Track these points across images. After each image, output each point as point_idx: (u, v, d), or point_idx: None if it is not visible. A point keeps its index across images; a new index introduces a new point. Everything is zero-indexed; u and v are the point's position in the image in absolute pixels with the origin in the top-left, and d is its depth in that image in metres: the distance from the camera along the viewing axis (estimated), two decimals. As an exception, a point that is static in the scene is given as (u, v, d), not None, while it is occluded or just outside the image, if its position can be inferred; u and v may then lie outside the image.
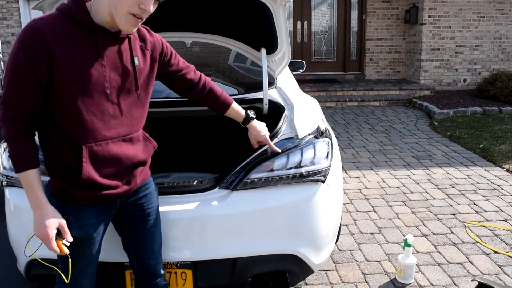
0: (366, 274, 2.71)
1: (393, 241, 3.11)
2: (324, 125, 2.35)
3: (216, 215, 1.89)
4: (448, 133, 5.99)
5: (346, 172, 4.55)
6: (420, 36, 8.59)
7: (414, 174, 4.46)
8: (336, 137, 5.84)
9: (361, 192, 4.01)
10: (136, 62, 1.57)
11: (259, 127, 1.96)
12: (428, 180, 4.30)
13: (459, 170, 4.57)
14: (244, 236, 1.92)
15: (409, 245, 2.56)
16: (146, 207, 1.74)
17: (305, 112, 2.26)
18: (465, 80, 8.90)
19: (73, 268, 1.61)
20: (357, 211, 3.62)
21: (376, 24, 9.22)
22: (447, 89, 8.81)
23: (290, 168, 1.96)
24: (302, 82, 8.81)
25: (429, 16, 8.44)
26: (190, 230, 1.91)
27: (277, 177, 1.95)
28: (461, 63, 8.80)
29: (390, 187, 4.13)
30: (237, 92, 2.51)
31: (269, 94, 2.36)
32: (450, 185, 4.17)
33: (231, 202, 1.92)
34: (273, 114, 2.34)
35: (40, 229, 1.45)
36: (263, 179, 1.94)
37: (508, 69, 8.74)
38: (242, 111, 1.96)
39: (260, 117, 2.42)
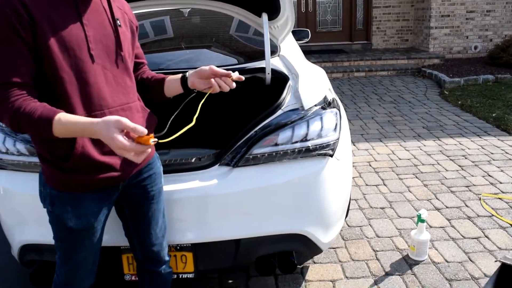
0: (377, 251, 2.60)
1: (404, 216, 2.98)
2: (332, 95, 2.18)
3: (216, 194, 1.76)
4: (459, 102, 5.79)
5: (354, 145, 4.40)
6: (429, 2, 8.25)
7: (425, 145, 4.29)
8: (344, 109, 5.65)
9: (370, 165, 3.87)
10: (118, 23, 1.45)
11: (199, 68, 1.57)
12: (440, 151, 4.14)
13: (471, 141, 4.39)
14: (247, 215, 1.79)
15: (422, 221, 2.43)
16: (149, 190, 1.60)
17: (311, 82, 2.09)
18: (476, 48, 8.60)
19: (72, 259, 1.50)
20: (367, 184, 3.49)
21: (383, -10, 8.87)
22: (457, 57, 8.52)
23: (296, 142, 1.81)
24: (307, 53, 8.55)
25: (439, -19, 8.09)
26: (189, 211, 1.78)
27: (281, 152, 1.80)
28: (471, 29, 8.48)
29: (400, 159, 3.98)
30: (237, 62, 2.33)
31: (272, 63, 2.19)
32: (463, 156, 4.01)
33: (232, 180, 1.78)
34: (276, 85, 2.18)
35: (114, 142, 1.18)
36: (266, 154, 1.79)
37: (521, 35, 8.42)
38: (178, 76, 1.65)
39: (262, 88, 2.26)
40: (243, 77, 1.54)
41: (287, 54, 2.37)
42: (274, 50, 2.33)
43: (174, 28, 2.94)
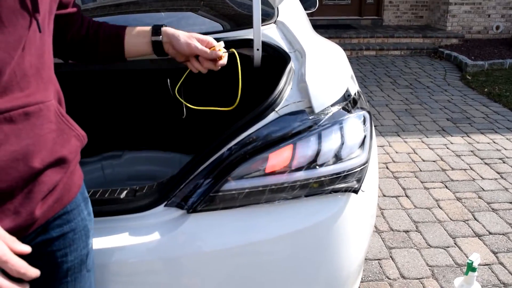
0: (404, 301, 1.88)
1: (436, 245, 2.25)
2: (355, 86, 1.42)
3: (156, 258, 1.02)
4: (486, 89, 5.00)
5: (365, 139, 3.64)
6: (450, -26, 7.35)
7: (452, 143, 3.54)
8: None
9: (387, 168, 3.12)
10: None
11: (175, 35, 1.09)
12: (471, 151, 3.39)
13: (507, 139, 3.64)
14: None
15: (474, 269, 1.70)
16: (59, 260, 0.87)
17: (325, 65, 1.32)
18: (498, 28, 7.73)
19: None
20: (384, 195, 2.75)
21: (399, -41, 7.94)
22: (477, 37, 7.66)
23: (298, 170, 1.06)
24: (313, 28, 7.70)
25: (462, -51, 7.17)
26: (113, 283, 1.05)
27: (273, 187, 1.05)
28: (494, 7, 7.59)
29: (424, 160, 3.23)
30: (214, 30, 1.49)
31: (265, 33, 1.41)
32: (500, 159, 3.26)
33: (187, 234, 1.04)
34: (270, 68, 1.41)
35: None
36: (246, 191, 1.04)
37: (550, 14, 7.55)
38: (144, 30, 1.10)
39: (249, 73, 1.48)
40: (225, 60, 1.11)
41: (289, 21, 1.57)
42: (269, 14, 1.54)
43: None
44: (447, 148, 3.45)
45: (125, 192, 1.11)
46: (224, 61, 1.11)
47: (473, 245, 2.25)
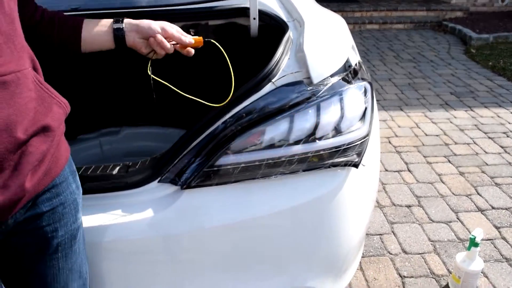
0: (405, 276, 1.87)
1: (438, 220, 2.23)
2: (356, 57, 1.36)
3: (147, 236, 0.99)
4: (490, 63, 4.90)
5: (367, 114, 3.58)
6: None
7: (455, 117, 3.48)
8: (354, 68, 4.80)
9: (390, 142, 3.08)
10: None
11: (142, 24, 1.05)
12: (475, 125, 3.33)
13: (511, 112, 3.58)
14: (210, 271, 1.03)
15: (476, 245, 1.67)
16: (50, 236, 0.85)
17: (325, 35, 1.26)
18: (503, 0, 7.55)
19: None
20: (387, 170, 2.72)
21: None
22: (482, 10, 7.48)
23: (296, 143, 1.02)
24: (313, 1, 7.54)
25: None
26: (110, 263, 1.02)
27: (270, 161, 1.01)
28: (501, -23, 7.40)
29: (427, 135, 3.19)
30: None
31: (262, 2, 1.35)
32: (504, 133, 3.21)
33: (180, 211, 1.00)
34: (269, 38, 1.35)
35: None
36: (242, 166, 1.00)
37: (558, -15, 7.35)
38: (105, 22, 1.05)
39: (247, 42, 1.42)
40: (192, 51, 1.08)
41: None
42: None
43: None
44: (451, 122, 3.40)
45: (117, 168, 1.07)
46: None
47: (476, 219, 2.23)
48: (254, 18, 1.25)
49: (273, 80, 1.06)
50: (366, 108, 1.14)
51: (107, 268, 1.02)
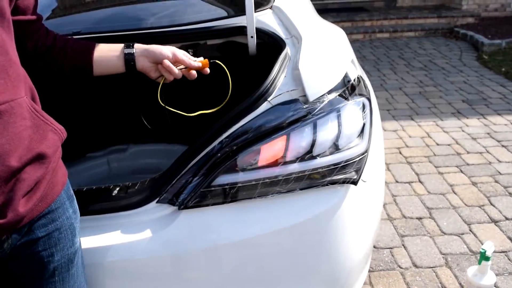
0: (416, 291, 1.83)
1: (450, 232, 2.19)
2: (357, 71, 1.36)
3: (147, 256, 0.99)
4: (503, 69, 4.83)
5: (378, 124, 3.55)
6: (465, -50, 7.09)
7: (467, 126, 3.43)
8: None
9: (400, 153, 3.04)
10: None
11: (153, 49, 1.09)
12: (488, 134, 3.27)
13: (526, 119, 3.51)
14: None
15: (487, 258, 1.64)
16: (45, 260, 0.86)
17: (322, 50, 1.26)
18: (516, 3, 7.46)
19: None
20: (397, 181, 2.68)
21: None
22: (494, 15, 7.40)
23: (292, 161, 1.02)
24: (323, 12, 7.55)
25: None
26: (107, 284, 1.03)
27: (267, 181, 1.01)
28: (513, -18, 7.32)
29: (438, 144, 3.14)
30: (202, 19, 1.44)
31: (260, 19, 1.36)
32: (518, 140, 3.15)
33: (178, 231, 1.01)
34: (267, 55, 1.35)
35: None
36: (239, 186, 1.01)
37: None
38: (116, 47, 1.09)
39: (245, 61, 1.43)
40: (208, 70, 1.13)
41: (287, 5, 1.51)
42: (263, 1, 1.48)
43: None
44: (463, 131, 3.35)
45: (117, 189, 1.09)
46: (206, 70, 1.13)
47: (489, 231, 2.18)
48: (252, 37, 1.26)
49: (269, 99, 1.06)
50: (364, 124, 1.13)
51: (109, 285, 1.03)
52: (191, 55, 1.13)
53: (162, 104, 1.11)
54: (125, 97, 1.94)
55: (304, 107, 1.05)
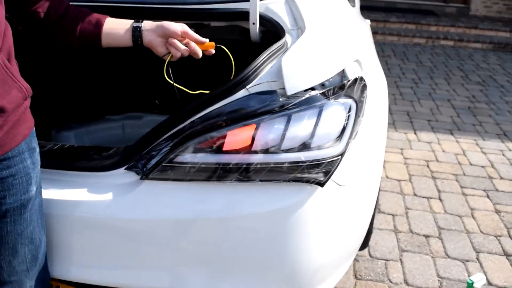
0: (399, 308, 1.77)
1: (455, 256, 2.08)
2: (360, 70, 1.31)
3: (102, 217, 1.04)
4: None
5: (415, 133, 3.42)
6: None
7: (510, 150, 3.21)
8: (415, 83, 4.60)
9: (428, 166, 2.92)
10: None
11: (165, 24, 1.12)
12: (530, 162, 3.05)
13: None
14: (155, 260, 1.06)
15: (476, 290, 1.55)
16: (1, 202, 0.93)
17: (318, 45, 1.22)
18: None
19: None
20: (415, 194, 2.58)
21: None
22: None
23: (256, 152, 1.01)
24: (389, 10, 7.28)
25: None
26: (70, 234, 1.09)
27: (227, 166, 1.01)
28: None
29: (471, 164, 2.98)
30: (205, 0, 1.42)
31: (270, 7, 1.33)
32: (562, 174, 2.91)
33: (136, 200, 1.04)
34: (271, 44, 1.33)
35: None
36: (197, 167, 1.02)
37: None
38: (126, 22, 1.13)
39: (249, 47, 1.42)
40: (213, 50, 1.16)
41: None
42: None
43: None
44: (503, 154, 3.14)
45: (94, 150, 1.14)
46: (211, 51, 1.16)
47: (497, 263, 2.05)
48: (254, 23, 1.25)
49: (247, 87, 1.06)
50: (345, 127, 1.09)
51: (65, 238, 1.09)
52: None
53: (169, 80, 1.15)
54: (143, 70, 2.00)
55: (281, 99, 1.03)
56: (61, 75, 2.06)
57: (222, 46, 1.19)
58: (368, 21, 2.67)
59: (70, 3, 1.13)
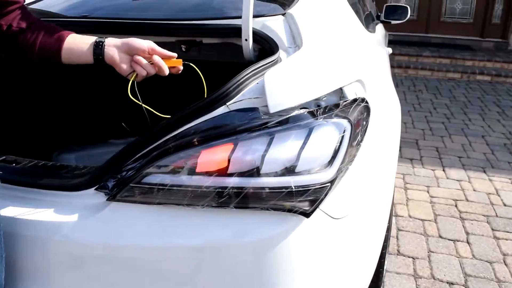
0: None
1: (482, 307, 1.85)
2: (363, 92, 1.19)
3: (64, 240, 0.95)
4: None
5: (443, 170, 3.21)
6: None
7: (549, 192, 2.94)
8: (447, 118, 4.38)
9: (456, 206, 2.69)
10: None
11: (131, 40, 1.03)
12: None
13: None
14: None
15: None
16: None
17: (311, 62, 1.12)
18: None
19: None
20: (440, 236, 2.37)
21: (538, -23, 6.97)
22: None
23: (231, 174, 0.90)
24: (424, 44, 7.12)
25: None
26: (33, 256, 1.00)
27: (198, 189, 0.91)
28: None
29: (505, 205, 2.73)
30: (197, 16, 1.31)
31: (267, 24, 1.24)
32: None
33: (102, 223, 0.95)
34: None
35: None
36: (167, 188, 0.92)
37: None
38: (89, 39, 1.05)
39: (243, 66, 1.34)
40: (181, 67, 1.07)
41: (304, 13, 1.34)
42: (284, 4, 1.37)
43: None
44: (541, 196, 2.87)
45: (66, 169, 1.06)
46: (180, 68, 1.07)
47: (532, 317, 1.81)
48: (246, 39, 1.17)
49: (227, 103, 0.96)
50: (337, 151, 0.97)
51: (24, 257, 1.00)
52: (183, 51, 1.08)
53: (135, 101, 1.06)
54: (149, 95, 1.96)
55: (262, 117, 0.93)
56: (65, 97, 2.05)
57: (191, 64, 1.10)
58: (390, 50, 2.56)
59: (39, 19, 1.09)
